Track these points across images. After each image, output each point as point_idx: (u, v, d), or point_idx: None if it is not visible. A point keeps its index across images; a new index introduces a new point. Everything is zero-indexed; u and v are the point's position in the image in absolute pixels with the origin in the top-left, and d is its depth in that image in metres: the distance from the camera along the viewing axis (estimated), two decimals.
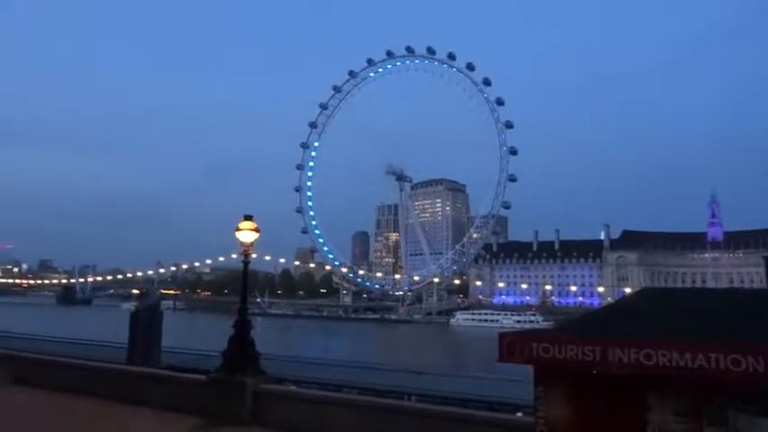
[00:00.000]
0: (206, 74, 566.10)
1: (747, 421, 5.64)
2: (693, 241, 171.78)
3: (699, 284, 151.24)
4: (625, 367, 5.68)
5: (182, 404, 12.36)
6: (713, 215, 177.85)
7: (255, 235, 12.67)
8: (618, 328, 6.28)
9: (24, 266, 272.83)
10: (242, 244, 12.67)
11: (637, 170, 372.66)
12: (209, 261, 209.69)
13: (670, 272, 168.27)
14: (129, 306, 73.46)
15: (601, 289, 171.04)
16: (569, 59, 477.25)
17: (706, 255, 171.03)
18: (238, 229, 12.59)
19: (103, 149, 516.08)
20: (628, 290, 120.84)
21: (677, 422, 6.12)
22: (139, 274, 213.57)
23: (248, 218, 12.67)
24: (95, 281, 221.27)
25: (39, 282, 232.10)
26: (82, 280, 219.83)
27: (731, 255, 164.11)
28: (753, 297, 8.28)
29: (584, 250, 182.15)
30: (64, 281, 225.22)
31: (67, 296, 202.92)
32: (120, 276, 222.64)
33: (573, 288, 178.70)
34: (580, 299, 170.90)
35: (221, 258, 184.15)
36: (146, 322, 25.50)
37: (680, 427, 6.09)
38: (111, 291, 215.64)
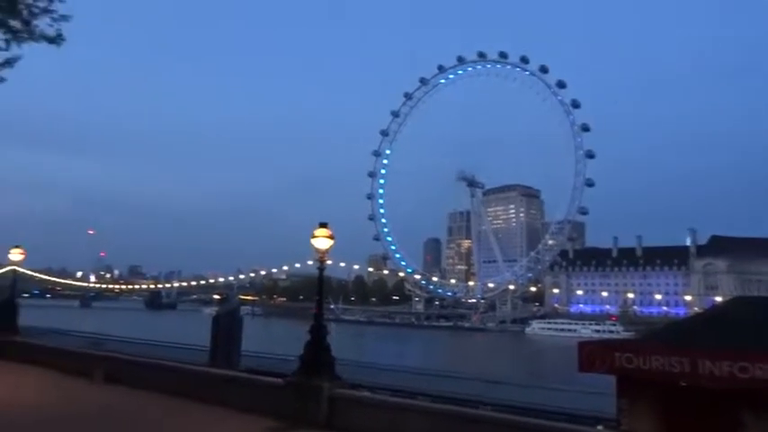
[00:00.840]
0: (282, 86, 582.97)
1: None
2: None
3: None
4: (717, 381, 5.37)
5: (259, 406, 12.74)
6: None
7: (330, 242, 12.91)
8: (708, 339, 5.94)
9: (116, 272, 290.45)
10: (317, 251, 12.94)
11: (725, 172, 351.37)
12: (285, 267, 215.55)
13: (763, 280, 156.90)
14: (211, 311, 76.52)
15: (688, 298, 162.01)
16: (648, 59, 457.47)
17: None
18: (314, 237, 12.87)
19: (187, 164, 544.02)
20: (718, 299, 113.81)
21: None
22: (220, 280, 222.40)
23: (323, 225, 12.93)
24: (180, 286, 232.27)
25: (128, 287, 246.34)
26: (168, 285, 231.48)
27: None
28: None
29: (668, 257, 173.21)
30: (152, 286, 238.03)
31: (154, 301, 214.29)
32: (202, 282, 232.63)
33: (657, 297, 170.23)
34: (664, 308, 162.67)
35: (297, 265, 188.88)
36: (226, 326, 26.38)
37: None
38: (194, 296, 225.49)
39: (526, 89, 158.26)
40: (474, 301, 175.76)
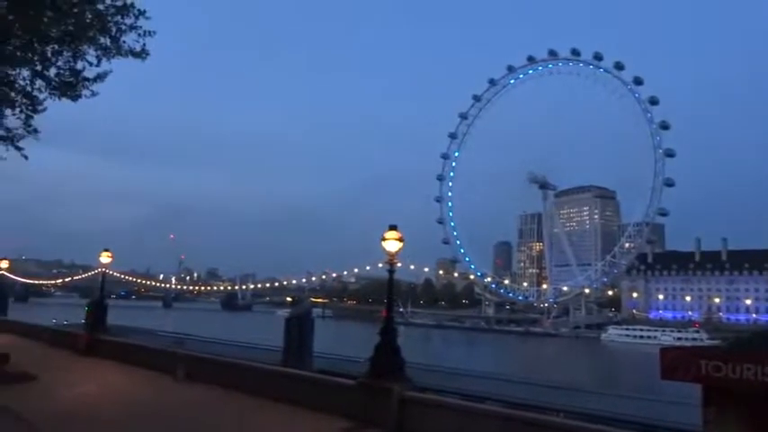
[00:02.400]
0: (349, 89, 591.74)
1: None
2: None
3: None
4: None
5: (331, 406, 12.96)
6: None
7: (400, 244, 12.96)
8: None
9: (195, 275, 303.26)
10: (387, 253, 13.02)
11: None
12: (356, 270, 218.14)
13: None
14: (284, 312, 78.51)
15: None
16: (731, 53, 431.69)
17: None
18: (384, 239, 12.96)
19: (260, 169, 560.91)
20: None
21: None
22: (293, 282, 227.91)
23: (393, 228, 13.00)
24: (254, 288, 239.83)
25: (206, 289, 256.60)
26: (243, 287, 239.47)
27: None
28: None
29: (757, 261, 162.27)
30: (228, 288, 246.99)
31: (230, 302, 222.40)
32: (275, 284, 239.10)
33: (746, 302, 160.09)
34: (754, 315, 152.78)
35: (368, 267, 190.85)
36: (298, 328, 26.99)
37: None
38: (267, 298, 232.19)
39: (600, 87, 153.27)
40: (546, 305, 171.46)
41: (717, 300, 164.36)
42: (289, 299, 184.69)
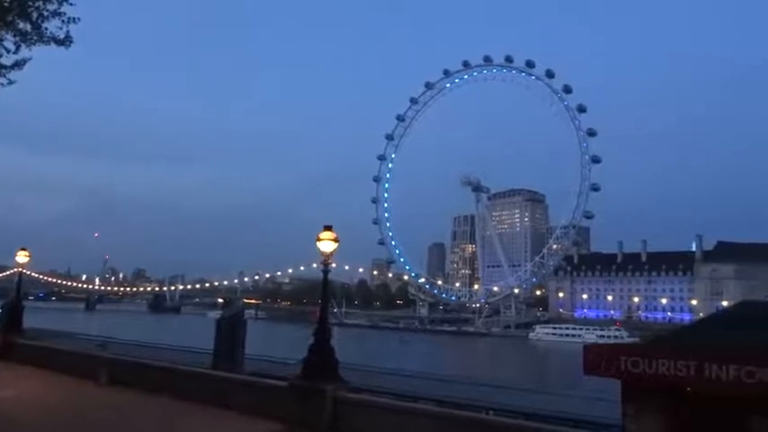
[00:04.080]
0: (287, 88, 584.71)
1: None
2: None
3: None
4: (723, 385, 5.33)
5: (262, 408, 12.74)
6: None
7: (335, 245, 12.91)
8: (715, 343, 5.90)
9: (121, 275, 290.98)
10: (322, 253, 12.94)
11: (731, 178, 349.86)
12: (290, 270, 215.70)
13: None
14: (215, 314, 76.57)
15: (694, 302, 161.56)
16: (656, 64, 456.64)
17: None
18: (318, 239, 12.87)
19: (191, 166, 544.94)
20: (724, 304, 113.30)
21: None
22: (225, 283, 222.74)
23: (328, 228, 12.93)
24: (183, 289, 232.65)
25: (132, 290, 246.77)
26: (172, 288, 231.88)
27: None
28: None
29: (673, 263, 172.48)
30: (156, 289, 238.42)
31: (158, 304, 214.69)
32: (206, 285, 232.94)
33: (662, 302, 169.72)
34: (669, 314, 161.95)
35: (302, 268, 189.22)
36: (230, 330, 26.45)
37: None
38: (197, 299, 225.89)
39: (532, 94, 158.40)
40: (478, 305, 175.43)
41: (636, 299, 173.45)
42: (220, 300, 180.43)
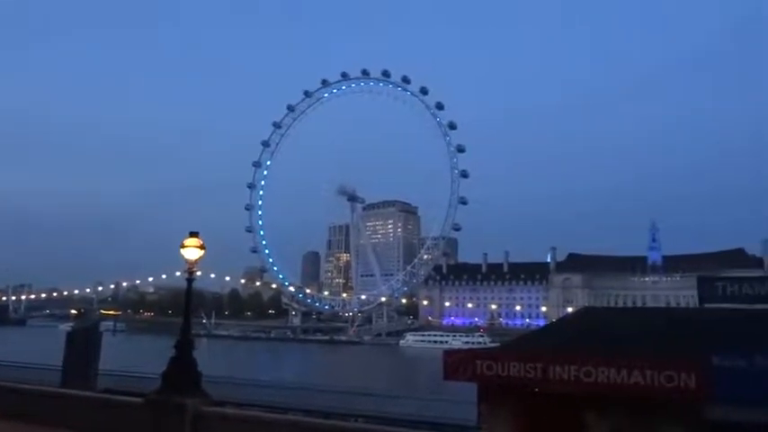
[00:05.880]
0: (158, 90, 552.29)
1: None
2: (635, 265, 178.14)
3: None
4: (564, 385, 5.80)
5: (117, 428, 11.85)
6: (653, 240, 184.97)
7: (201, 252, 12.39)
8: (559, 347, 6.42)
9: None
10: (186, 261, 12.37)
11: (583, 194, 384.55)
12: (151, 279, 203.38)
13: (612, 294, 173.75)
14: (67, 327, 70.33)
15: (543, 308, 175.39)
16: (522, 84, 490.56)
17: (646, 278, 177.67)
18: (183, 246, 12.29)
19: (43, 165, 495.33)
20: (569, 310, 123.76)
21: None
22: (76, 292, 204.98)
23: (194, 234, 12.40)
24: (29, 299, 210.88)
25: None
26: (14, 298, 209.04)
27: (669, 278, 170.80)
28: (687, 316, 8.61)
29: (531, 273, 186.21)
30: None
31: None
32: (55, 294, 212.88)
33: (520, 309, 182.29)
34: (527, 320, 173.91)
35: (164, 276, 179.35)
36: (83, 344, 24.42)
37: None
38: (48, 310, 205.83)
39: (407, 109, 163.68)
40: (351, 314, 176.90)
41: (498, 307, 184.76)
42: (74, 311, 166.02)
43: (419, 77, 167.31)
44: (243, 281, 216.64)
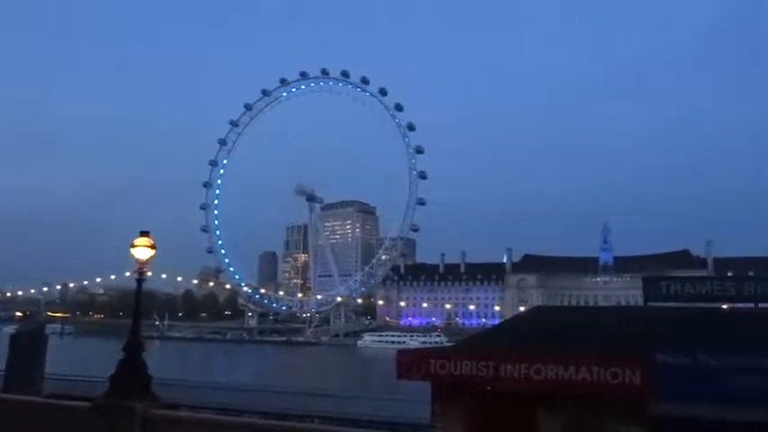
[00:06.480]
0: (115, 85, 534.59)
1: None
2: (587, 265, 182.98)
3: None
4: (515, 383, 5.89)
5: None
6: (605, 242, 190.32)
7: (152, 252, 12.08)
8: (511, 345, 6.52)
9: None
10: (137, 261, 12.04)
11: (540, 196, 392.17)
12: (99, 279, 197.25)
13: (565, 294, 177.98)
14: (11, 329, 67.46)
15: (497, 308, 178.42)
16: (480, 88, 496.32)
17: (598, 279, 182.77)
18: (133, 246, 11.96)
19: None
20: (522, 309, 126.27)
21: None
22: (20, 293, 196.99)
23: (144, 234, 12.08)
24: None
25: None
26: None
27: (619, 278, 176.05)
28: (633, 315, 8.88)
29: (488, 273, 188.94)
30: None
31: None
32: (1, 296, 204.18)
33: (476, 309, 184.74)
34: (483, 320, 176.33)
35: (113, 277, 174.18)
36: (27, 347, 23.52)
37: None
38: None
39: (366, 109, 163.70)
40: (308, 315, 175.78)
41: (455, 307, 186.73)
42: (19, 313, 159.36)
43: (378, 78, 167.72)
44: (195, 281, 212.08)
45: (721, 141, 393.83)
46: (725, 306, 7.79)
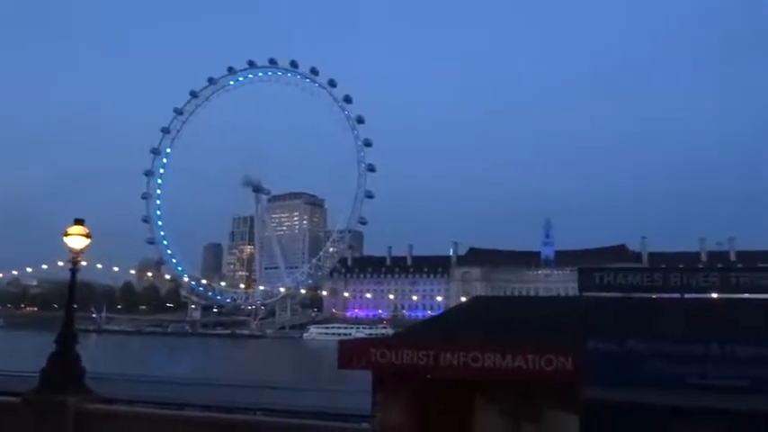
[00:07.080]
0: (48, 73, 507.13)
1: (559, 418, 6.24)
2: (530, 259, 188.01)
3: None
4: (454, 370, 6.01)
5: None
6: (547, 236, 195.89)
7: (86, 241, 11.66)
8: (450, 334, 6.65)
9: None
10: (70, 250, 11.58)
11: (485, 190, 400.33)
12: (29, 269, 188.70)
13: (508, 286, 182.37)
14: None
15: (439, 299, 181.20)
16: (432, 81, 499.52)
17: (539, 272, 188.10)
18: (67, 234, 11.49)
19: None
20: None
21: (501, 422, 6.61)
22: None
23: (79, 222, 11.63)
24: None
25: None
26: None
27: (560, 271, 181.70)
28: (567, 304, 9.20)
29: (434, 266, 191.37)
30: None
31: None
32: None
33: (422, 301, 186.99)
34: (429, 312, 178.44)
35: (44, 266, 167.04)
36: None
37: (503, 427, 6.58)
38: None
39: (315, 100, 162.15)
40: (253, 307, 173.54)
41: (395, 298, 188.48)
42: None
43: (328, 71, 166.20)
44: (133, 271, 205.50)
45: (671, 147, 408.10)
46: (654, 296, 8.17)
